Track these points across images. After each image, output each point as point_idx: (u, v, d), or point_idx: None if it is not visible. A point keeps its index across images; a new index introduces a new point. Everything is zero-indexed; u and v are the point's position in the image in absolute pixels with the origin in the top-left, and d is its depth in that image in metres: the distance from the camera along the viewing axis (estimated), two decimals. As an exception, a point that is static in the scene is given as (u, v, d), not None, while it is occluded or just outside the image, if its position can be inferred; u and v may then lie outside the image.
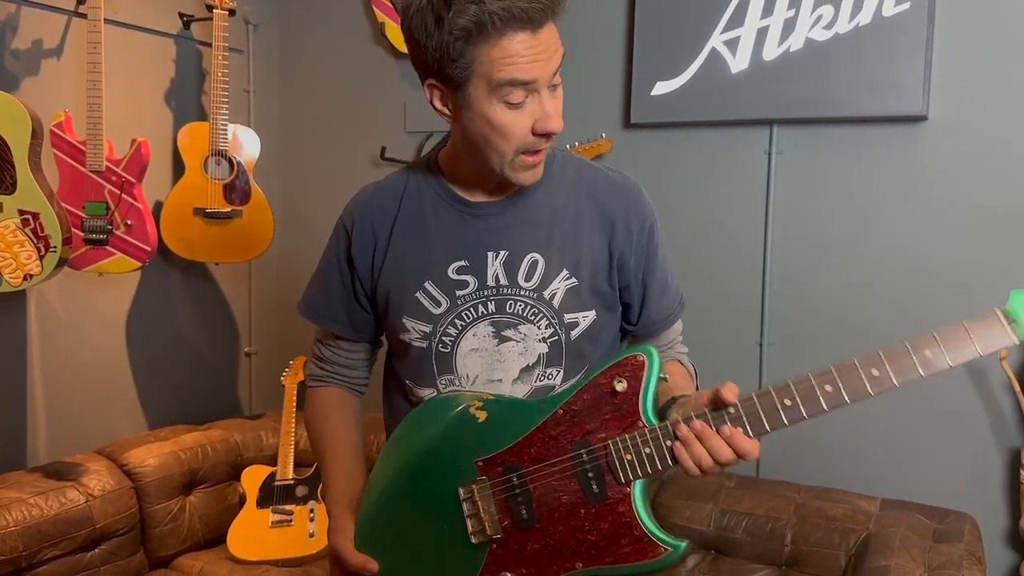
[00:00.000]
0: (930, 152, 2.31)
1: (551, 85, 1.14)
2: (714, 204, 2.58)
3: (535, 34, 1.09)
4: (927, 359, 1.02)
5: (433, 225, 1.30)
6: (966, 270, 2.29)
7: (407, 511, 1.25)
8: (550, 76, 1.13)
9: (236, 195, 2.79)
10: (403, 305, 1.30)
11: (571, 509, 1.14)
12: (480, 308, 1.26)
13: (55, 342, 2.65)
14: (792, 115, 2.41)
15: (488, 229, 1.28)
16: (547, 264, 1.26)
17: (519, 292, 1.26)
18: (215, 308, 3.20)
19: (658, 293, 1.33)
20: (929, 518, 2.20)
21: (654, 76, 2.56)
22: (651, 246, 1.31)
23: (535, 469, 1.16)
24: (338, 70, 3.23)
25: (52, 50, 2.56)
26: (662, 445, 1.11)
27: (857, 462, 2.41)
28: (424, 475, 1.24)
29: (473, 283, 1.27)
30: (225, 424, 2.88)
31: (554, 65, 1.13)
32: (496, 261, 1.26)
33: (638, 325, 1.35)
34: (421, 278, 1.28)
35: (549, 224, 1.28)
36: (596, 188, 1.31)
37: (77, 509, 2.32)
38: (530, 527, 1.16)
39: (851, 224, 2.42)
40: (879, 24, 2.27)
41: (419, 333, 1.28)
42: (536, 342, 1.26)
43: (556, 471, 1.15)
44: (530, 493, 1.16)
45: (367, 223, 1.34)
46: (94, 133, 2.41)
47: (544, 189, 1.29)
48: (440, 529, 1.21)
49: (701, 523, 2.32)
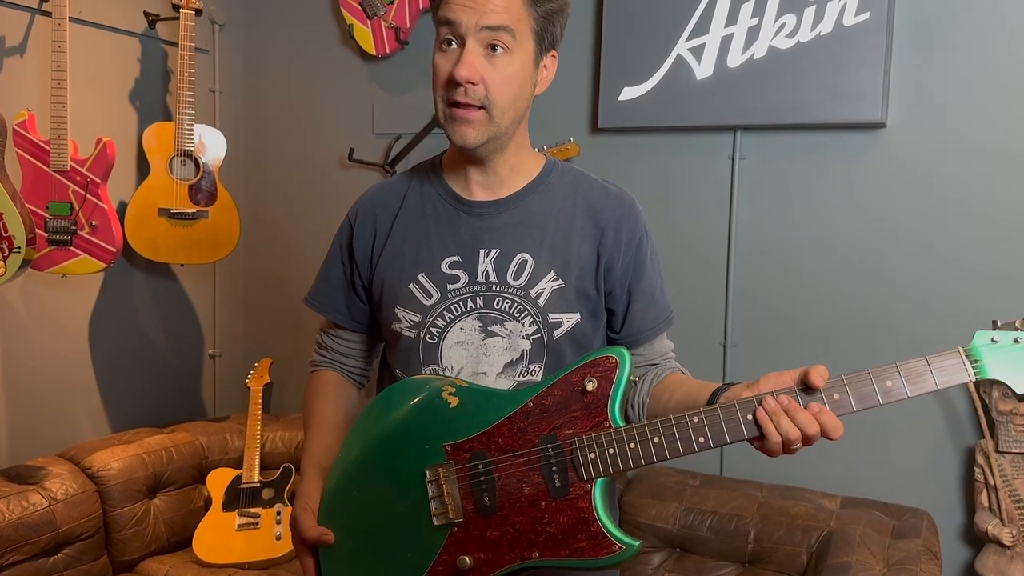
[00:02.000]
0: (889, 158, 2.37)
1: (487, 44, 1.21)
2: (679, 208, 2.62)
3: None
4: (887, 388, 1.07)
5: (432, 221, 1.35)
6: (924, 273, 2.35)
7: (371, 486, 1.27)
8: (475, 25, 1.19)
9: (202, 196, 2.77)
10: (397, 295, 1.34)
11: (533, 500, 1.16)
12: (469, 303, 1.30)
13: (17, 344, 2.61)
14: (755, 121, 2.46)
15: (483, 228, 1.33)
16: (536, 265, 1.30)
17: (507, 290, 1.30)
18: (179, 310, 3.17)
19: (643, 303, 1.36)
20: (888, 515, 2.25)
21: (621, 82, 2.59)
22: (639, 256, 1.34)
23: (501, 459, 1.19)
24: (305, 71, 3.22)
25: (15, 48, 2.52)
26: (626, 447, 1.13)
27: (818, 461, 2.46)
28: (392, 453, 1.26)
29: (464, 278, 1.31)
30: (190, 427, 2.85)
31: (486, 19, 1.19)
32: (487, 259, 1.31)
33: (621, 333, 1.37)
34: (416, 270, 1.33)
35: (542, 227, 1.32)
36: (592, 196, 1.35)
37: (39, 513, 2.29)
38: (491, 514, 1.18)
39: (813, 228, 2.47)
40: (840, 33, 2.33)
41: (409, 323, 1.32)
42: (520, 338, 1.29)
43: (521, 462, 1.18)
44: (494, 481, 1.18)
45: (369, 216, 1.40)
46: (59, 132, 2.38)
47: (540, 194, 1.34)
48: (403, 508, 1.23)
49: (666, 521, 2.36)
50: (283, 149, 3.30)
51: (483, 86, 1.21)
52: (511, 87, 1.23)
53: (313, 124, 3.22)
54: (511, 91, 1.24)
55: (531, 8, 1.22)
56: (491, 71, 1.21)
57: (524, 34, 1.23)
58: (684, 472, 2.52)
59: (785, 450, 1.10)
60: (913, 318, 2.36)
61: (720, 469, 2.59)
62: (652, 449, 1.13)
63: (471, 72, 1.20)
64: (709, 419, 1.12)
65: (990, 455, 2.21)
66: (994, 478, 2.20)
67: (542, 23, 1.24)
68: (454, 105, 1.23)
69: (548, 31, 1.26)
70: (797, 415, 1.08)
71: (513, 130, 1.29)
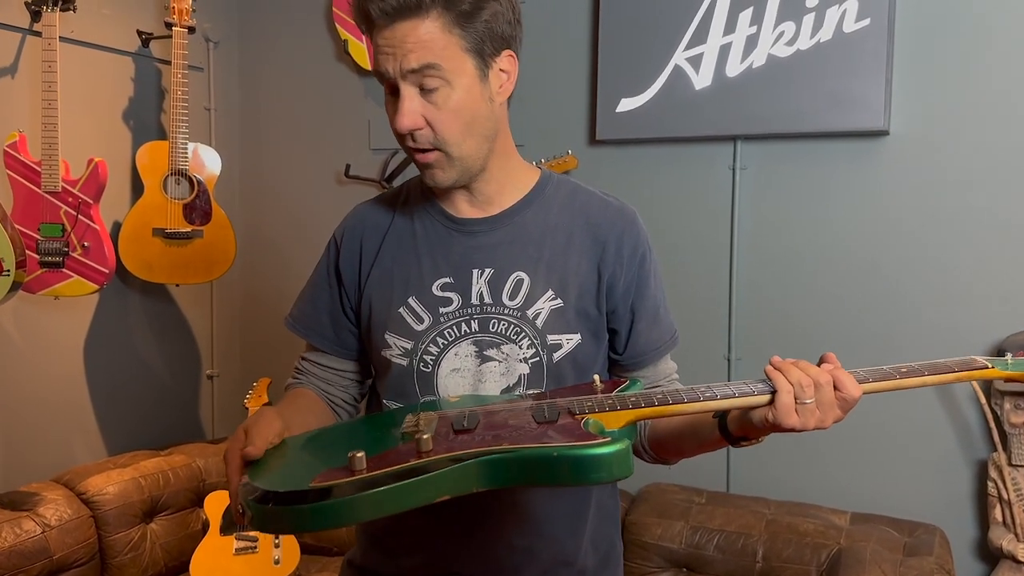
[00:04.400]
0: (892, 166, 2.33)
1: (421, 87, 1.15)
2: (680, 220, 2.58)
3: (390, 27, 1.13)
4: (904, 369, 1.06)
5: (422, 241, 1.29)
6: (931, 283, 2.31)
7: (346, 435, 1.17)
8: (400, 72, 1.14)
9: (196, 215, 2.74)
10: (386, 320, 1.28)
11: (515, 423, 1.03)
12: (463, 327, 1.24)
13: (9, 367, 2.57)
14: (756, 131, 2.43)
15: (475, 247, 1.27)
16: (532, 283, 1.24)
17: (503, 311, 1.24)
18: (176, 330, 3.13)
19: (647, 322, 1.29)
20: (899, 531, 2.20)
21: (619, 93, 2.56)
22: (642, 272, 1.28)
23: (492, 409, 1.10)
24: (300, 87, 3.20)
25: (6, 68, 2.49)
26: (627, 401, 1.05)
27: (827, 476, 2.41)
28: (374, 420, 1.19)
29: (457, 300, 1.25)
30: (187, 449, 2.81)
31: (406, 63, 1.13)
32: (481, 279, 1.25)
33: (624, 354, 1.31)
34: (405, 293, 1.27)
35: (538, 244, 1.26)
36: (590, 210, 1.29)
37: (33, 540, 2.24)
38: (465, 431, 1.02)
39: (816, 238, 2.43)
40: (840, 40, 2.30)
41: (400, 350, 1.26)
42: (517, 362, 1.23)
43: (512, 410, 1.08)
44: (478, 418, 1.06)
45: (356, 236, 1.34)
46: (50, 153, 2.35)
47: (535, 209, 1.28)
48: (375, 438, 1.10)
49: (672, 541, 2.31)
50: (279, 166, 3.27)
51: (428, 128, 1.16)
52: (459, 119, 1.16)
53: (309, 140, 3.20)
54: (460, 123, 1.17)
55: (454, 30, 1.13)
56: (432, 110, 1.15)
57: (455, 59, 1.14)
58: (690, 489, 2.47)
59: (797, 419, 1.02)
60: (920, 329, 2.32)
61: (727, 486, 2.54)
62: (653, 397, 1.05)
63: (411, 120, 1.15)
64: (717, 387, 1.06)
65: (1003, 468, 2.16)
66: (1008, 492, 2.15)
67: (474, 38, 1.15)
68: (414, 152, 1.20)
69: (488, 39, 1.16)
70: (808, 367, 1.05)
71: (485, 151, 1.22)
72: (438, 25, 1.12)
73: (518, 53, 1.23)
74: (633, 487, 2.55)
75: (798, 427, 1.02)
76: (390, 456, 0.96)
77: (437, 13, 1.12)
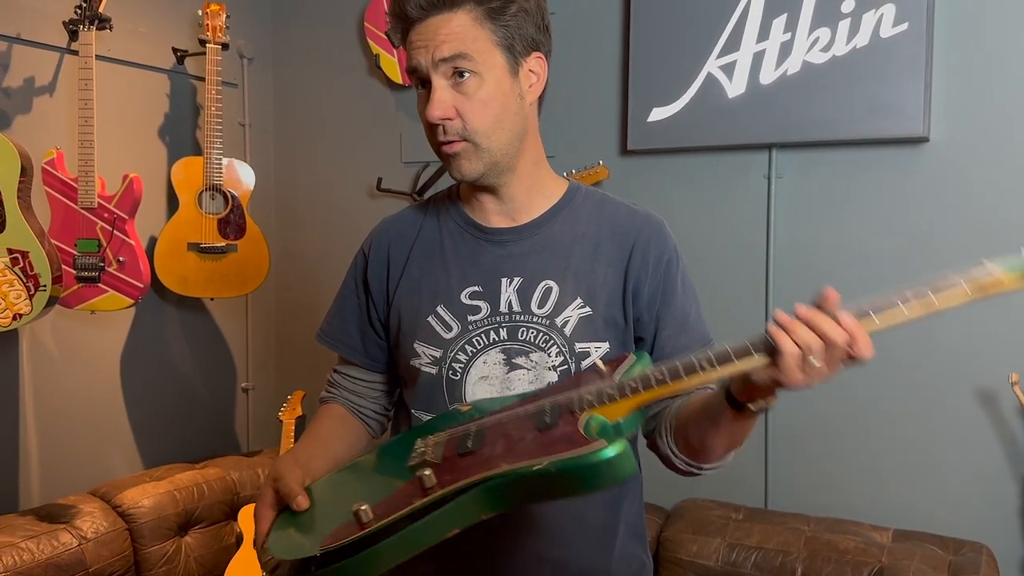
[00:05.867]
0: (933, 174, 2.28)
1: (451, 76, 1.18)
2: (714, 231, 2.54)
3: (423, 22, 1.18)
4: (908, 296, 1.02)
5: (450, 251, 1.30)
6: (973, 293, 2.24)
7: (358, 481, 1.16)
8: (432, 62, 1.17)
9: (231, 229, 2.76)
10: (415, 329, 1.28)
11: (516, 436, 1.03)
12: (492, 335, 1.25)
13: (48, 381, 2.61)
14: (791, 139, 2.38)
15: (504, 256, 1.27)
16: (561, 292, 1.24)
17: (531, 319, 1.24)
18: (211, 343, 3.16)
19: (674, 329, 1.27)
20: (944, 549, 2.14)
21: (650, 102, 2.53)
22: (668, 280, 1.27)
23: (496, 418, 1.10)
24: (333, 102, 3.22)
25: (44, 87, 2.54)
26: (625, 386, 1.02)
27: (868, 492, 2.35)
28: (388, 451, 1.18)
29: (486, 309, 1.25)
30: (222, 462, 2.82)
31: (439, 53, 1.16)
32: (510, 288, 1.26)
33: None
34: (434, 302, 1.28)
35: (566, 252, 1.26)
36: (617, 219, 1.30)
37: (69, 553, 2.26)
38: (469, 453, 1.03)
39: (854, 249, 2.38)
40: (877, 45, 2.25)
41: (429, 358, 1.27)
42: (546, 370, 1.23)
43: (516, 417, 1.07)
44: (483, 430, 1.07)
45: (384, 247, 1.36)
46: (85, 170, 2.38)
47: (563, 219, 1.29)
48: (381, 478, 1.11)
49: (708, 558, 2.26)
50: (312, 180, 3.29)
51: (459, 119, 1.18)
52: (489, 109, 1.19)
53: (341, 154, 3.21)
54: (490, 113, 1.19)
55: (486, 24, 1.17)
56: (462, 100, 1.18)
57: (487, 51, 1.18)
58: (727, 505, 2.42)
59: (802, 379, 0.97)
60: (961, 342, 2.25)
61: (765, 502, 2.49)
62: (652, 378, 1.01)
63: (442, 109, 1.18)
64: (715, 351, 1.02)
65: (1053, 484, 2.09)
66: (1058, 509, 2.08)
67: (505, 33, 1.19)
68: (442, 144, 1.21)
69: (518, 37, 1.20)
70: (819, 322, 0.98)
71: (515, 148, 1.24)
72: (470, 18, 1.17)
73: (548, 59, 1.26)
74: (668, 503, 2.50)
75: (803, 386, 0.98)
76: (394, 501, 0.97)
77: (469, 7, 1.17)
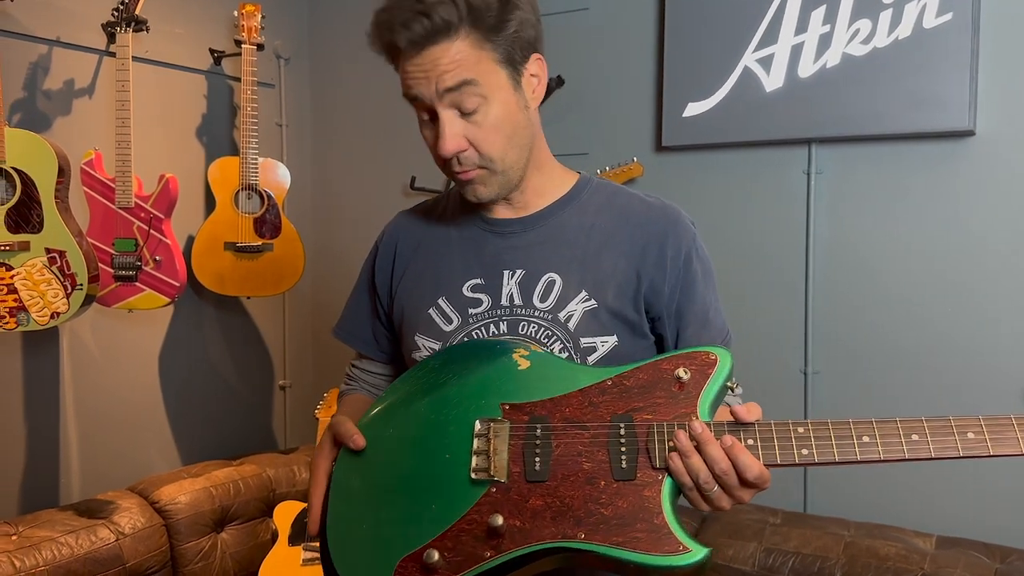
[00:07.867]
0: (979, 168, 2.20)
1: (457, 105, 1.13)
2: (752, 228, 2.49)
3: (419, 54, 1.12)
4: (969, 442, 0.95)
5: (456, 243, 1.29)
6: (1019, 292, 2.16)
7: (410, 428, 1.17)
8: (436, 94, 1.12)
9: (267, 228, 2.78)
10: (417, 322, 1.28)
11: (590, 477, 1.03)
12: (492, 328, 1.22)
13: (88, 378, 2.66)
14: (831, 133, 2.32)
15: (507, 247, 1.25)
16: (564, 285, 1.21)
17: (533, 313, 1.21)
18: (248, 341, 3.19)
19: (696, 325, 1.23)
20: (990, 557, 2.07)
21: (686, 97, 2.49)
22: (688, 275, 1.22)
23: (564, 427, 1.07)
24: (368, 101, 3.23)
25: (84, 89, 2.58)
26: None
27: (911, 496, 2.28)
28: (442, 400, 1.16)
29: (487, 302, 1.23)
30: (258, 459, 2.85)
31: (443, 83, 1.11)
32: (511, 280, 1.23)
33: None
34: (436, 294, 1.27)
35: (571, 244, 1.23)
36: (630, 211, 1.25)
37: (107, 548, 2.30)
38: (539, 481, 1.05)
39: (897, 246, 2.31)
40: (920, 36, 2.18)
41: (429, 351, 1.25)
42: None
43: (586, 436, 1.06)
44: (550, 449, 1.06)
45: (392, 242, 1.37)
46: (123, 170, 2.42)
47: (571, 211, 1.26)
48: (440, 456, 1.12)
49: (744, 563, 2.22)
50: (347, 179, 3.30)
51: (472, 149, 1.16)
52: (500, 133, 1.16)
53: (376, 153, 3.22)
54: (502, 137, 1.16)
55: (485, 45, 1.12)
56: (473, 129, 1.14)
57: (490, 72, 1.13)
58: (764, 509, 2.37)
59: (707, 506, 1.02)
60: (1010, 341, 2.17)
61: (804, 505, 2.43)
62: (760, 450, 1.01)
63: (455, 144, 1.14)
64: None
65: (1106, 491, 2.00)
66: (1111, 517, 1.99)
67: (505, 48, 1.13)
68: (457, 173, 1.19)
69: (516, 47, 1.15)
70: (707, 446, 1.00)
71: (524, 161, 1.22)
72: (468, 43, 1.11)
73: (543, 53, 1.22)
74: (704, 505, 2.46)
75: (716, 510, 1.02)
76: (464, 552, 1.04)
77: (466, 31, 1.11)
